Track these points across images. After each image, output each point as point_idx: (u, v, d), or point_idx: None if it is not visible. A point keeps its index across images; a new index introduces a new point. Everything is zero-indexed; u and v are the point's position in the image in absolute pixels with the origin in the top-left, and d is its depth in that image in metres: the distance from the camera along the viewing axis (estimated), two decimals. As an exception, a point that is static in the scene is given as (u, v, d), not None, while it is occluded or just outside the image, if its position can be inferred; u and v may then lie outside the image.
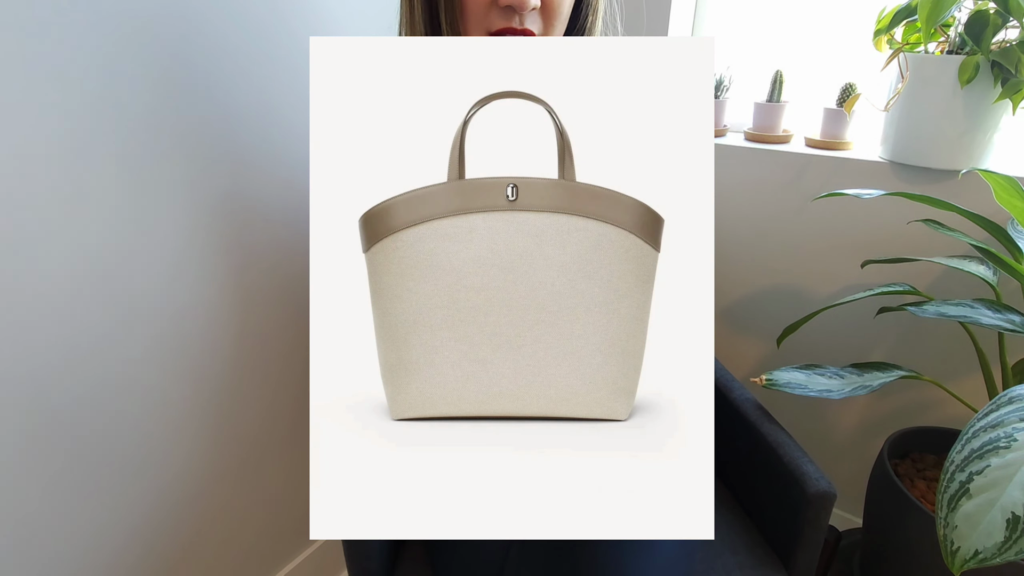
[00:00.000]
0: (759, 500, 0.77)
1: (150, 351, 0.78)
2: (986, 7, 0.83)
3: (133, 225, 0.73)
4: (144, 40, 0.69)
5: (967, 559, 0.51)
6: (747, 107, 1.19)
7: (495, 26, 0.60)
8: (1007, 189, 0.70)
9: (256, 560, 1.02)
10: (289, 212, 0.91)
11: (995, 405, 0.59)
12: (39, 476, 0.70)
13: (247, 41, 0.79)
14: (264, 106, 0.83)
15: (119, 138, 0.69)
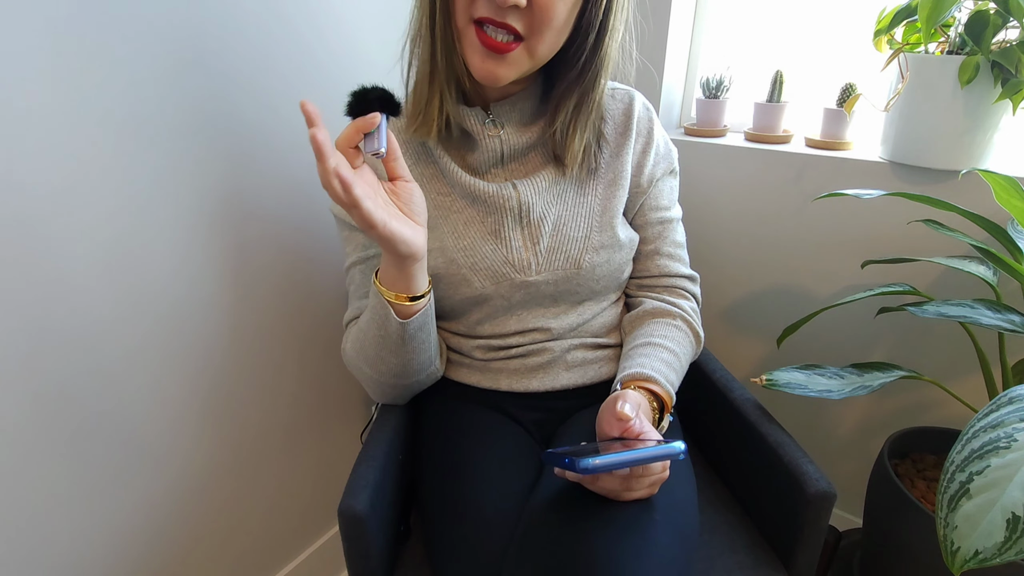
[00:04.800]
0: (759, 500, 0.77)
1: (150, 351, 0.78)
2: (986, 7, 0.83)
3: (138, 220, 0.73)
4: (154, 41, 0.69)
5: (967, 559, 0.51)
6: (747, 107, 1.19)
7: (478, 12, 0.60)
8: (1007, 189, 0.70)
9: (256, 560, 1.02)
10: (290, 210, 0.91)
11: (995, 405, 0.59)
12: (40, 476, 0.70)
13: (250, 40, 0.79)
14: (266, 105, 0.83)
15: (124, 137, 0.69)
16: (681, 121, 1.30)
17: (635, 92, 0.79)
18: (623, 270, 0.78)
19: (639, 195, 0.77)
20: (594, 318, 0.78)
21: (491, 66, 0.62)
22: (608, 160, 0.76)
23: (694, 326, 0.78)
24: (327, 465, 1.11)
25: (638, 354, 0.72)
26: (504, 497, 0.65)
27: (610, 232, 0.74)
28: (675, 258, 0.81)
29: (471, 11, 0.60)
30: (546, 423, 0.79)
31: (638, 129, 0.77)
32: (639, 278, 0.82)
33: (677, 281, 0.81)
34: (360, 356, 0.72)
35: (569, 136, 0.70)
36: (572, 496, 0.60)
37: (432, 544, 0.67)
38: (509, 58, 0.62)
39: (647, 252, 0.80)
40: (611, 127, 0.76)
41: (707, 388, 0.86)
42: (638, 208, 0.78)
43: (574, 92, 0.68)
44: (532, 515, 0.60)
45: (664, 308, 0.78)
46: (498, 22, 0.60)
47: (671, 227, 0.80)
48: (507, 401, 0.78)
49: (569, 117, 0.70)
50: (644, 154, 0.77)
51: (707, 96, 1.18)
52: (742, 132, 1.19)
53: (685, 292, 0.81)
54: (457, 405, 0.79)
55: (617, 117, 0.77)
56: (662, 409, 0.69)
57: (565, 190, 0.74)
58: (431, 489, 0.71)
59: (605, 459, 0.52)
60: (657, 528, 0.57)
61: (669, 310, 0.77)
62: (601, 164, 0.75)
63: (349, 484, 0.65)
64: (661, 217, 0.79)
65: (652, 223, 0.79)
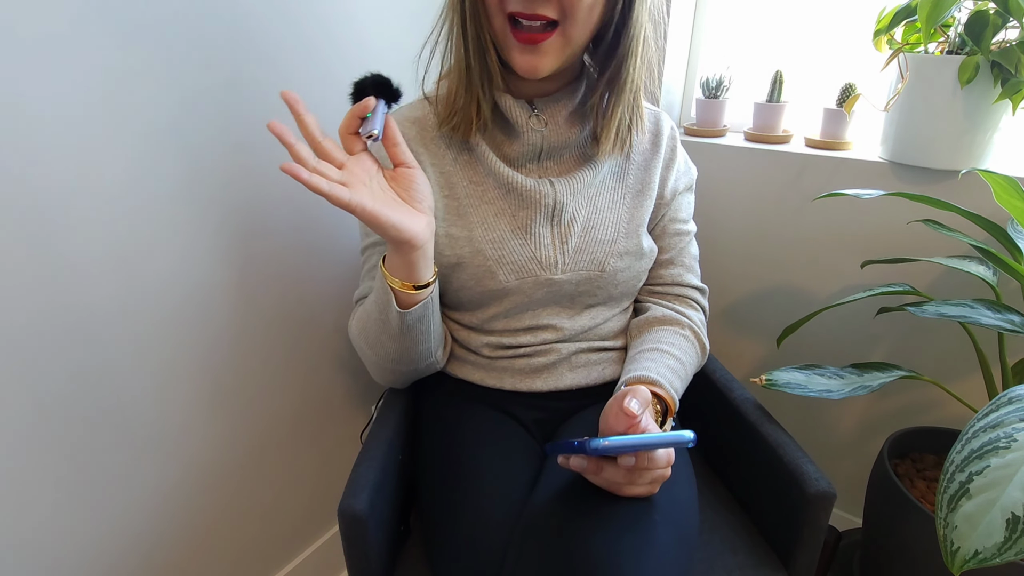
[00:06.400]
0: (759, 500, 0.77)
1: (153, 350, 0.78)
2: (986, 7, 0.83)
3: (143, 219, 0.73)
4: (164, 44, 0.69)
5: (967, 559, 0.51)
6: (747, 107, 1.19)
7: (510, 7, 0.61)
8: (1007, 189, 0.70)
9: (256, 560, 1.02)
10: (295, 210, 0.91)
11: (995, 405, 0.59)
12: (42, 474, 0.70)
13: (254, 39, 0.79)
14: (273, 104, 0.83)
15: (131, 137, 0.69)
16: (681, 121, 1.30)
17: (663, 113, 0.82)
18: (640, 279, 0.79)
19: (662, 207, 0.79)
20: (605, 323, 0.79)
21: (531, 59, 0.64)
22: (637, 172, 0.78)
23: (701, 337, 0.79)
24: (327, 465, 1.11)
25: (644, 358, 0.73)
26: (504, 496, 0.65)
27: (635, 240, 0.76)
28: (689, 269, 0.83)
29: (504, 6, 0.61)
30: (547, 423, 0.79)
31: (666, 145, 0.79)
32: (651, 284, 0.83)
33: (687, 291, 0.82)
34: (362, 336, 0.73)
35: (610, 114, 0.70)
36: (572, 495, 0.60)
37: (432, 544, 0.67)
38: (545, 47, 0.63)
39: (663, 261, 0.82)
40: (640, 140, 0.79)
41: (707, 388, 0.86)
42: (659, 219, 0.80)
43: (610, 68, 0.68)
44: (532, 514, 0.60)
45: (673, 316, 0.79)
46: (528, 15, 0.61)
47: (688, 239, 0.83)
48: (509, 400, 0.78)
49: (606, 91, 0.70)
50: (668, 169, 0.79)
51: (707, 96, 1.18)
52: (742, 132, 1.19)
53: (694, 303, 0.83)
54: (458, 404, 0.79)
55: (648, 132, 0.79)
56: (665, 413, 0.69)
57: (597, 194, 0.75)
58: (431, 489, 0.71)
59: (616, 441, 0.52)
60: (657, 528, 0.57)
61: (678, 319, 0.78)
62: (629, 175, 0.77)
63: (349, 484, 0.65)
64: (679, 229, 0.81)
65: (671, 234, 0.81)
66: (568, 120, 0.73)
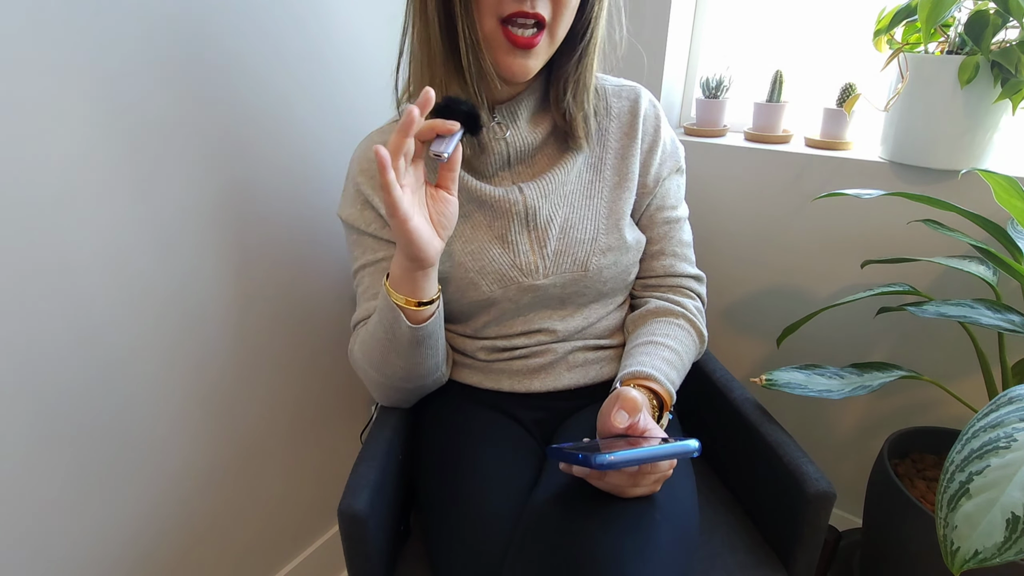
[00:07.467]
0: (759, 500, 0.77)
1: (151, 350, 0.78)
2: (986, 7, 0.82)
3: (141, 219, 0.73)
4: (160, 40, 0.69)
5: (967, 559, 0.51)
6: (747, 107, 1.19)
7: (506, 10, 0.60)
8: (1007, 189, 0.70)
9: (256, 560, 1.02)
10: (294, 210, 0.91)
11: (995, 405, 0.59)
12: (41, 476, 0.70)
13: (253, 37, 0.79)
14: (273, 104, 0.83)
15: (128, 136, 0.69)
16: (681, 121, 1.30)
17: (641, 89, 0.78)
18: (630, 272, 0.78)
19: (646, 195, 0.77)
20: (599, 321, 0.78)
21: (521, 61, 0.63)
22: (614, 162, 0.76)
23: (697, 325, 0.78)
24: (327, 465, 1.11)
25: (639, 352, 0.72)
26: (504, 496, 0.65)
27: (617, 234, 0.74)
28: (681, 258, 0.80)
29: (499, 10, 0.61)
30: (546, 422, 0.79)
31: (644, 128, 0.76)
32: (644, 278, 0.81)
33: (682, 281, 0.81)
34: (366, 359, 0.71)
35: (576, 108, 0.70)
36: (572, 495, 0.60)
37: (432, 544, 0.67)
38: (535, 49, 0.63)
39: (653, 252, 0.80)
40: (616, 126, 0.76)
41: (707, 388, 0.86)
42: (645, 208, 0.78)
43: (573, 63, 0.69)
44: (532, 514, 0.60)
45: (667, 307, 0.77)
46: (529, 13, 0.60)
47: (678, 226, 0.80)
48: (508, 401, 0.78)
49: (571, 85, 0.70)
50: (650, 153, 0.77)
51: (707, 96, 1.18)
52: (742, 132, 1.19)
53: (690, 292, 0.81)
54: (457, 404, 0.79)
55: (623, 116, 0.76)
56: (661, 407, 0.69)
57: (572, 192, 0.74)
58: (431, 489, 0.71)
59: (621, 455, 0.51)
60: (658, 528, 0.57)
61: (672, 309, 0.77)
62: (606, 166, 0.75)
63: (349, 484, 0.65)
64: (667, 216, 0.79)
65: (658, 223, 0.79)
66: (531, 121, 0.72)
